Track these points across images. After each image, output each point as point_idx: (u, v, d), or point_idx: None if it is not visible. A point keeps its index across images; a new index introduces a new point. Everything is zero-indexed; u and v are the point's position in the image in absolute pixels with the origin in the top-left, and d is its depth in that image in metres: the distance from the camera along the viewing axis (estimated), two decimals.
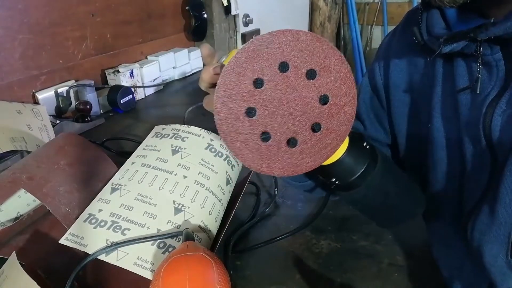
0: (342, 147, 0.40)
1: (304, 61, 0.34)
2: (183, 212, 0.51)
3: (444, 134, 0.48)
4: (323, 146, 0.36)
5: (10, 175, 0.56)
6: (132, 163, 0.58)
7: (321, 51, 0.34)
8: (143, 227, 0.50)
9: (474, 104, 0.43)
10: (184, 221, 0.51)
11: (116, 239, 0.48)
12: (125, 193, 0.53)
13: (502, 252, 0.40)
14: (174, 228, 0.50)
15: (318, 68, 0.34)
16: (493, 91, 0.41)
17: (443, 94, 0.48)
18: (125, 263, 0.46)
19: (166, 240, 0.49)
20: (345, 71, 0.35)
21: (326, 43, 0.34)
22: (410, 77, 0.53)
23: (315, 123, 0.35)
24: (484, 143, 0.42)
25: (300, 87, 0.34)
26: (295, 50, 0.33)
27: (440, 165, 0.49)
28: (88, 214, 0.52)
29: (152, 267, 0.46)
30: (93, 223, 0.50)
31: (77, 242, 0.48)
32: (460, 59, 0.45)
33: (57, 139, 0.66)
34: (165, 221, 0.50)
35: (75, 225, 0.50)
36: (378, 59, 0.58)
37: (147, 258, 0.47)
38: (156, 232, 0.49)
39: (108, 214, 0.51)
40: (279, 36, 0.33)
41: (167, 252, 0.47)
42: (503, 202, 0.39)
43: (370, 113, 0.60)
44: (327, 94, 0.35)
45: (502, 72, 0.40)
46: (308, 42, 0.33)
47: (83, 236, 0.49)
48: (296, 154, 0.36)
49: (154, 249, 0.48)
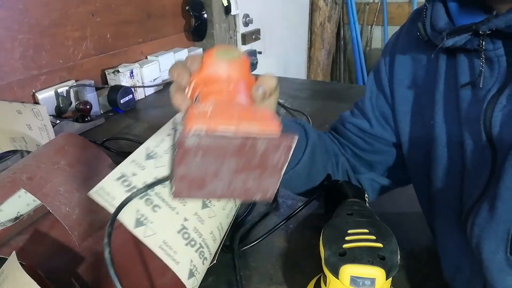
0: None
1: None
2: (209, 208, 0.49)
3: (445, 130, 0.48)
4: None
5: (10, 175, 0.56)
6: (168, 134, 0.50)
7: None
8: (172, 210, 0.46)
9: (475, 99, 0.43)
10: (208, 218, 0.48)
11: (146, 213, 0.44)
12: (161, 166, 0.47)
13: (501, 249, 0.40)
14: (198, 223, 0.47)
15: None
16: (494, 86, 0.41)
17: (445, 91, 0.48)
18: (151, 243, 0.43)
19: (193, 235, 0.46)
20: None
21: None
22: (414, 74, 0.53)
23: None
24: (484, 139, 0.42)
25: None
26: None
27: (441, 162, 0.49)
28: (121, 174, 0.45)
29: (175, 256, 0.44)
30: (126, 186, 0.44)
31: (107, 201, 0.43)
32: (463, 55, 0.45)
33: (57, 139, 0.66)
34: (193, 212, 0.47)
35: (107, 181, 0.43)
36: (384, 56, 0.59)
37: (171, 245, 0.44)
38: (183, 220, 0.46)
39: (142, 182, 0.45)
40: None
41: (190, 246, 0.45)
42: (502, 198, 0.39)
43: (376, 111, 0.60)
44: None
45: (503, 68, 0.41)
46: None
47: (114, 196, 0.43)
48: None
49: (180, 238, 0.45)
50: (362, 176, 0.64)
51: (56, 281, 0.49)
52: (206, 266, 0.48)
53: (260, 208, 0.69)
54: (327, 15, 2.50)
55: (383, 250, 0.38)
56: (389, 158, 0.62)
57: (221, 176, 0.38)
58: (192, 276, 0.45)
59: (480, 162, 0.43)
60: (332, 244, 0.40)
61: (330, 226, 0.43)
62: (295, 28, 2.45)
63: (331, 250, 0.39)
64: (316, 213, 0.68)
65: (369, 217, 0.44)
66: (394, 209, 0.68)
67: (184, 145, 0.34)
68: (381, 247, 0.38)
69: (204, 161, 0.36)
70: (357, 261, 0.37)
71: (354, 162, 0.65)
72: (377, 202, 0.66)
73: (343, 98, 1.28)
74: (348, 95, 1.30)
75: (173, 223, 0.45)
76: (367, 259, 0.37)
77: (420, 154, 0.53)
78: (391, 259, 0.38)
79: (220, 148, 0.35)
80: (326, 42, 2.58)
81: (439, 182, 0.50)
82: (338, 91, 1.39)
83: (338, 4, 2.54)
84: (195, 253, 0.46)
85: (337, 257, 0.38)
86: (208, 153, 0.36)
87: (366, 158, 0.64)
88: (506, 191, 0.39)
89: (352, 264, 0.37)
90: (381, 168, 0.64)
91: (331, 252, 0.39)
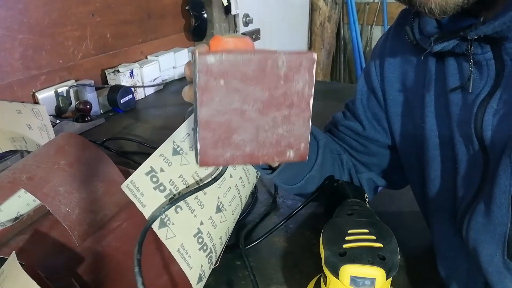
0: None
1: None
2: (221, 213, 0.49)
3: (437, 133, 0.48)
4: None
5: (10, 175, 0.56)
6: (192, 128, 0.47)
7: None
8: (192, 212, 0.45)
9: (465, 103, 0.43)
10: (220, 223, 0.48)
11: (169, 214, 0.43)
12: (186, 164, 0.46)
13: (499, 252, 0.40)
14: (211, 227, 0.47)
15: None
16: (484, 90, 0.41)
17: (435, 93, 0.48)
18: (171, 245, 0.43)
19: (206, 240, 0.46)
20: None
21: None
22: (403, 76, 0.53)
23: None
24: (476, 142, 0.42)
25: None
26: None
27: (434, 164, 0.49)
28: (150, 168, 0.44)
29: (189, 260, 0.43)
30: (153, 182, 0.43)
31: (136, 196, 0.42)
32: (452, 59, 0.45)
33: (57, 139, 0.66)
34: (208, 216, 0.47)
35: (137, 175, 0.42)
36: (373, 59, 0.58)
37: (188, 249, 0.44)
38: (199, 224, 0.45)
39: (168, 179, 0.44)
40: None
41: (202, 251, 0.45)
42: (497, 203, 0.39)
43: (368, 113, 0.60)
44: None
45: (492, 72, 0.41)
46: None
47: (143, 192, 0.42)
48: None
49: (195, 242, 0.45)
50: (362, 175, 0.64)
51: (56, 281, 0.49)
52: (211, 269, 0.48)
53: (260, 208, 0.69)
54: (327, 15, 2.50)
55: (383, 250, 0.38)
56: (385, 160, 0.62)
57: (247, 117, 0.36)
58: (200, 280, 0.45)
59: (472, 164, 0.43)
60: (332, 244, 0.40)
61: (330, 226, 0.43)
62: (295, 28, 2.45)
63: (331, 250, 0.39)
64: (316, 213, 0.68)
65: (369, 217, 0.44)
66: (394, 209, 0.68)
67: (205, 69, 0.33)
68: (381, 247, 0.38)
69: (227, 91, 0.35)
70: (357, 261, 0.37)
71: (354, 161, 0.65)
72: (377, 202, 0.66)
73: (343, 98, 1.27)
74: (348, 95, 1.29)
75: (191, 227, 0.45)
76: (367, 259, 0.37)
77: (413, 156, 0.53)
78: (391, 259, 0.38)
79: (241, 71, 0.34)
80: (326, 42, 2.58)
81: (433, 184, 0.50)
82: (338, 91, 1.39)
83: (338, 4, 2.54)
84: (205, 258, 0.46)
85: (337, 257, 0.38)
86: (230, 78, 0.34)
87: (362, 160, 0.64)
88: (500, 195, 0.38)
89: (352, 264, 0.37)
90: (378, 170, 0.64)
91: (331, 252, 0.39)
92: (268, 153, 0.38)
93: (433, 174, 0.49)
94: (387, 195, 0.69)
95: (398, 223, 0.58)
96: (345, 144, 0.64)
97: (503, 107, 0.40)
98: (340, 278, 0.37)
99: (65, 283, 0.50)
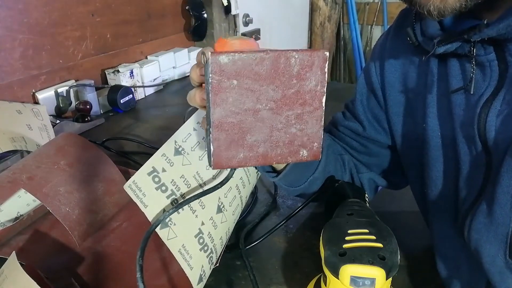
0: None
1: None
2: (222, 213, 0.49)
3: (439, 134, 0.48)
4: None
5: (10, 175, 0.56)
6: (194, 129, 0.48)
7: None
8: (193, 212, 0.45)
9: (468, 104, 0.43)
10: (220, 223, 0.48)
11: (171, 214, 0.43)
12: (187, 164, 0.46)
13: (500, 252, 0.40)
14: (212, 228, 0.47)
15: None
16: (487, 91, 0.41)
17: (437, 94, 0.48)
18: (173, 246, 0.43)
19: (206, 240, 0.46)
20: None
21: None
22: (404, 77, 0.53)
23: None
24: (478, 143, 0.42)
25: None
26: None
27: (436, 164, 0.49)
28: (152, 168, 0.43)
29: (190, 261, 0.43)
30: (155, 183, 0.43)
31: (138, 196, 0.42)
32: (454, 59, 0.45)
33: (57, 139, 0.66)
34: (209, 216, 0.47)
35: (139, 175, 0.42)
36: (373, 59, 0.58)
37: (189, 249, 0.44)
38: (200, 224, 0.45)
39: (170, 180, 0.44)
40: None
41: (203, 252, 0.45)
42: (500, 203, 0.39)
43: (368, 114, 0.60)
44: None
45: (495, 73, 0.40)
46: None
47: (145, 192, 0.42)
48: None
49: (196, 243, 0.45)
50: (363, 175, 0.64)
51: (56, 281, 0.49)
52: (211, 270, 0.48)
53: (260, 208, 0.69)
54: (327, 15, 2.50)
55: (383, 250, 0.38)
56: (385, 160, 0.62)
57: (260, 117, 0.36)
58: (200, 281, 0.45)
59: (475, 165, 0.43)
60: (332, 244, 0.40)
61: (330, 226, 0.43)
62: (295, 28, 2.45)
63: (331, 250, 0.39)
64: (316, 213, 0.68)
65: (369, 217, 0.44)
66: (394, 209, 0.68)
67: (218, 69, 0.33)
68: (381, 247, 0.38)
69: (240, 91, 0.34)
70: (357, 261, 0.37)
71: (355, 161, 0.65)
72: (377, 202, 0.66)
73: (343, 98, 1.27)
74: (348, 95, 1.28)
75: (192, 227, 0.45)
76: (367, 259, 0.37)
77: (414, 156, 0.53)
78: (391, 259, 0.38)
79: (254, 71, 0.34)
80: (326, 42, 2.58)
81: (434, 185, 0.50)
82: (338, 91, 1.39)
83: (338, 4, 2.54)
84: (206, 259, 0.46)
85: (337, 257, 0.38)
86: (243, 78, 0.34)
87: (362, 160, 0.64)
88: (503, 195, 0.38)
89: (352, 264, 0.37)
90: (378, 170, 0.64)
91: (331, 252, 0.39)
92: (282, 153, 0.38)
93: (434, 175, 0.49)
94: (387, 195, 0.68)
95: (398, 223, 0.58)
96: (345, 145, 0.64)
97: (506, 108, 0.40)
98: (340, 278, 0.37)
99: (65, 283, 0.50)
